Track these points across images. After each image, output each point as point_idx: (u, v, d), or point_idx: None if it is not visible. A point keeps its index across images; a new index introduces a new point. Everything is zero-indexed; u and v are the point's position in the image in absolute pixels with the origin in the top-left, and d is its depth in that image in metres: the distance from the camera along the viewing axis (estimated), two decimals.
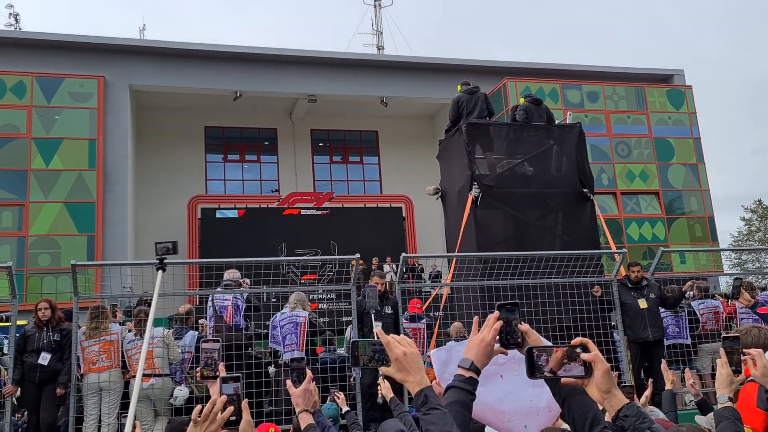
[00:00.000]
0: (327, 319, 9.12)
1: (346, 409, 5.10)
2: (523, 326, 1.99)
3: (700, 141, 22.96)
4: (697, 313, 9.13)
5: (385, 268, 18.26)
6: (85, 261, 15.78)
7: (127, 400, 7.04)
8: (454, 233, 9.18)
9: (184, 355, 7.55)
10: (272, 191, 24.23)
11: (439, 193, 10.37)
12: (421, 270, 19.74)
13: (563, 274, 7.96)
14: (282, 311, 7.73)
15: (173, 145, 22.91)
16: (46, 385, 6.96)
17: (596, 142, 20.66)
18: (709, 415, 3.30)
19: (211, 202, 22.62)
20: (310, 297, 9.66)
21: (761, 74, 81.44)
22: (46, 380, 6.96)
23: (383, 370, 1.89)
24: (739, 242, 41.16)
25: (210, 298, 7.85)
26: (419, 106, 24.34)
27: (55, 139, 18.04)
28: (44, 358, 6.92)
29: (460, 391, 1.91)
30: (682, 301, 9.20)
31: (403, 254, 8.00)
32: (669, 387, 4.26)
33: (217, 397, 2.11)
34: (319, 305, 13.78)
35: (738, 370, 2.88)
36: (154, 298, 3.81)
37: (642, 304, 8.26)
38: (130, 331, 7.36)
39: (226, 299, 7.71)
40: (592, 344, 1.86)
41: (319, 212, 22.36)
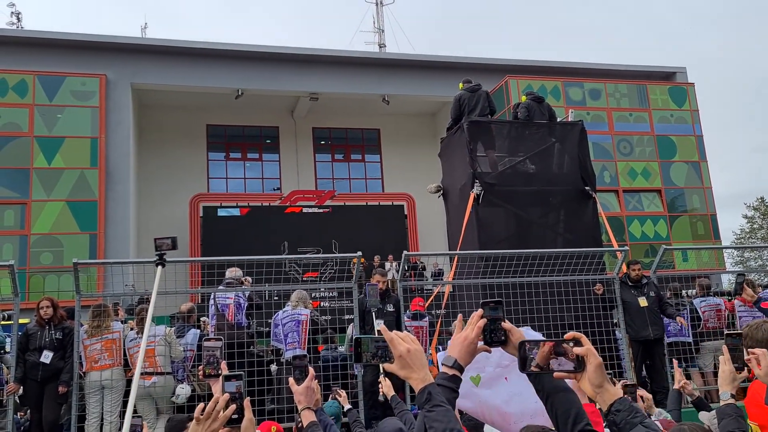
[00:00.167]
0: (329, 317, 9.10)
1: (348, 407, 5.09)
2: (507, 324, 2.00)
3: (703, 138, 22.89)
4: (699, 311, 9.11)
5: (387, 266, 18.24)
6: (87, 259, 15.81)
7: (128, 398, 7.04)
8: (456, 231, 9.17)
9: (186, 354, 7.56)
10: (274, 189, 24.21)
11: (441, 191, 10.35)
12: (423, 268, 19.72)
13: (565, 272, 7.94)
14: (284, 309, 7.73)
15: (175, 144, 22.91)
16: (49, 384, 6.98)
17: (598, 140, 20.64)
18: (712, 413, 3.29)
19: (213, 201, 22.62)
20: (312, 295, 9.67)
21: (762, 73, 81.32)
22: (48, 378, 6.97)
23: (386, 366, 1.89)
24: (742, 240, 41.10)
25: (212, 297, 7.85)
26: (421, 104, 24.31)
27: (57, 138, 18.07)
28: (46, 357, 6.93)
29: (443, 389, 1.92)
30: (684, 299, 9.19)
31: (405, 252, 8.00)
32: (677, 386, 4.26)
33: (219, 395, 2.11)
34: (321, 303, 13.78)
35: (740, 367, 2.87)
36: (153, 294, 3.81)
37: (642, 302, 8.24)
38: (132, 329, 7.36)
39: (228, 297, 7.71)
40: (584, 338, 1.86)
41: (321, 210, 22.35)
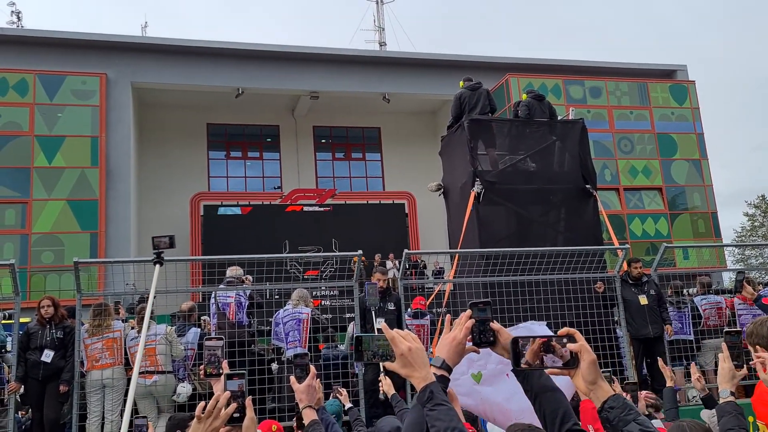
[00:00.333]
0: (329, 316, 9.10)
1: (348, 405, 5.09)
2: (495, 325, 2.00)
3: (703, 136, 22.86)
4: (700, 309, 9.10)
5: (388, 264, 18.24)
6: (88, 258, 15.81)
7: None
8: (457, 230, 9.17)
9: (187, 352, 7.56)
10: (275, 188, 24.20)
11: (442, 190, 10.34)
12: (424, 266, 19.71)
13: (566, 270, 7.94)
14: (285, 308, 7.73)
15: (175, 143, 22.91)
16: (50, 383, 6.98)
17: (599, 138, 20.62)
18: (713, 410, 3.29)
19: (213, 199, 22.62)
20: (313, 294, 9.66)
21: (763, 72, 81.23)
22: (49, 377, 6.98)
23: (388, 365, 1.88)
24: (742, 238, 41.08)
25: (213, 295, 7.85)
26: (421, 102, 24.29)
27: (58, 137, 18.06)
28: (47, 356, 6.93)
29: None
30: (685, 297, 9.18)
31: (406, 251, 8.00)
32: (669, 384, 4.27)
33: (221, 393, 2.10)
34: (322, 302, 13.78)
35: (740, 364, 2.86)
36: (152, 293, 3.80)
37: (642, 300, 8.24)
38: (133, 328, 7.36)
39: (229, 296, 7.71)
40: (578, 334, 1.85)
41: (322, 209, 22.34)
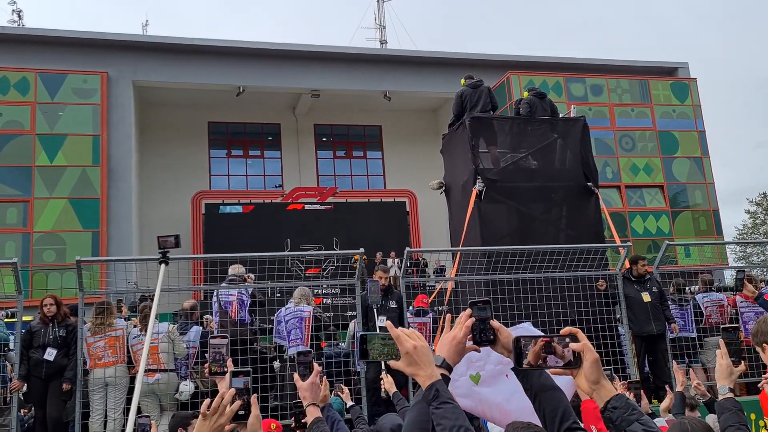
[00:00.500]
0: (331, 314, 9.10)
1: (350, 403, 5.09)
2: (495, 323, 2.00)
3: (705, 134, 22.83)
4: (701, 307, 9.10)
5: (389, 262, 18.25)
6: (89, 257, 15.81)
7: (132, 396, 7.05)
8: (459, 227, 9.17)
9: (189, 351, 7.57)
10: (276, 186, 24.21)
11: (443, 188, 10.34)
12: (425, 264, 19.74)
13: (567, 267, 7.93)
14: (287, 306, 7.73)
15: (177, 141, 22.92)
16: (53, 381, 6.99)
17: (600, 136, 20.60)
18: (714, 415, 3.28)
19: (214, 198, 22.64)
20: (315, 292, 9.66)
21: (765, 70, 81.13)
22: (52, 376, 6.99)
23: (393, 364, 1.88)
24: (744, 235, 41.07)
25: (215, 294, 7.86)
26: (422, 100, 24.28)
27: (59, 136, 18.07)
28: (50, 354, 6.94)
29: None
30: (687, 295, 9.18)
31: (407, 249, 7.99)
32: (679, 388, 4.22)
33: (225, 390, 2.10)
34: (323, 300, 13.79)
35: (738, 360, 2.86)
36: (157, 292, 3.81)
37: (645, 297, 8.23)
38: (135, 326, 7.37)
39: (231, 294, 7.72)
40: (581, 333, 1.85)
41: (323, 207, 22.35)
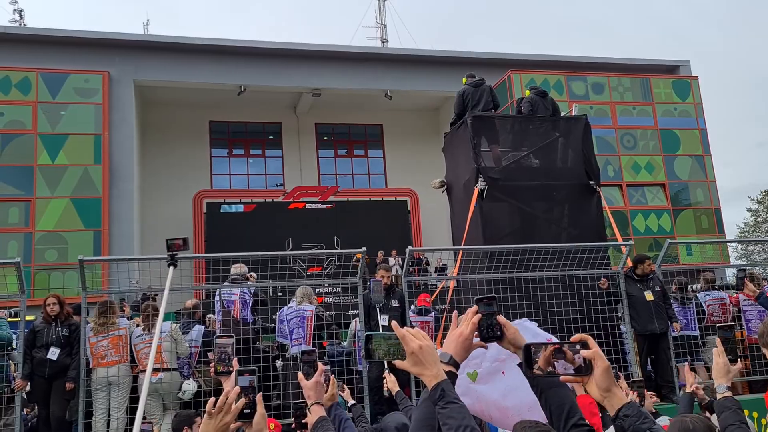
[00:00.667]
0: (333, 313, 9.10)
1: (352, 402, 5.10)
2: (502, 319, 2.00)
3: (706, 132, 22.80)
4: (704, 305, 9.10)
5: (391, 261, 18.25)
6: (91, 256, 15.82)
7: (135, 395, 7.08)
8: (460, 226, 9.17)
9: (191, 350, 7.58)
10: (277, 185, 24.23)
11: (445, 186, 10.34)
12: (427, 263, 19.74)
13: (570, 266, 7.94)
14: (289, 305, 7.74)
15: (178, 140, 22.93)
16: (56, 380, 7.01)
17: (602, 134, 20.57)
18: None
19: (216, 197, 22.65)
20: (316, 291, 9.67)
21: (766, 68, 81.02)
22: (55, 375, 7.01)
23: (399, 363, 1.88)
24: (746, 233, 41.05)
25: (217, 293, 7.86)
26: (423, 99, 24.27)
27: (61, 135, 18.08)
28: (53, 353, 6.96)
29: None
30: (690, 293, 9.18)
31: (409, 248, 7.99)
32: (689, 390, 4.19)
33: (231, 389, 2.11)
34: (325, 299, 13.79)
35: (734, 359, 2.87)
36: (165, 294, 3.81)
37: (648, 296, 8.22)
38: (138, 325, 7.38)
39: (234, 293, 7.72)
40: (592, 341, 1.83)
41: (325, 206, 22.35)
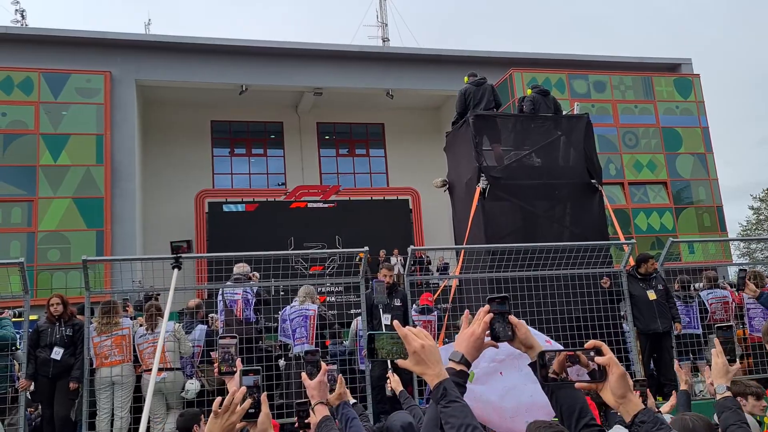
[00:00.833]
0: (335, 312, 9.11)
1: (352, 401, 5.11)
2: (514, 319, 2.00)
3: (708, 130, 22.77)
4: (706, 304, 9.10)
5: (392, 260, 18.25)
6: (94, 256, 15.85)
7: (138, 394, 7.10)
8: (462, 225, 9.18)
9: (194, 349, 7.59)
10: (279, 185, 24.24)
11: (447, 186, 10.35)
12: (429, 262, 19.74)
13: (572, 265, 7.94)
14: (291, 305, 7.75)
15: (180, 140, 22.95)
16: (60, 380, 7.03)
17: (603, 132, 20.55)
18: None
19: (218, 197, 22.66)
20: (319, 290, 9.68)
21: None
22: (59, 375, 7.03)
23: (401, 363, 1.89)
24: (748, 231, 41.01)
25: (220, 292, 7.87)
26: (425, 98, 24.26)
27: (63, 135, 18.10)
28: (57, 353, 6.98)
29: None
30: (692, 292, 9.17)
31: (411, 247, 8.00)
32: (684, 387, 4.20)
33: (237, 389, 2.12)
34: (327, 298, 13.81)
35: (733, 359, 2.87)
36: (170, 295, 3.82)
37: (651, 295, 8.22)
38: (141, 325, 7.40)
39: (237, 293, 7.74)
40: (606, 347, 1.84)
41: (326, 205, 22.36)
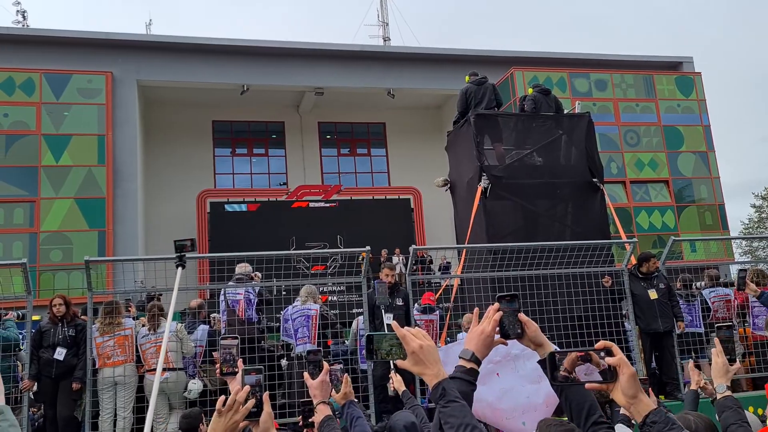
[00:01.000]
0: (337, 311, 9.11)
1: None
2: (523, 317, 2.01)
3: (710, 128, 22.75)
4: (708, 302, 9.09)
5: (394, 259, 18.25)
6: (96, 256, 15.88)
7: (141, 394, 7.11)
8: (464, 224, 9.18)
9: (196, 350, 7.60)
10: (280, 184, 24.25)
11: (448, 185, 10.35)
12: (430, 261, 19.73)
13: (573, 264, 7.94)
14: (293, 304, 7.76)
15: (181, 140, 22.98)
16: (63, 380, 7.04)
17: (605, 131, 20.55)
18: None
19: (219, 197, 22.69)
20: (320, 289, 9.67)
21: None
22: (62, 375, 7.04)
23: (400, 363, 1.89)
24: (750, 230, 40.97)
25: (222, 292, 7.88)
26: (426, 97, 24.27)
27: (65, 136, 18.15)
28: (60, 353, 6.99)
29: (461, 381, 1.94)
30: (695, 290, 9.17)
31: (413, 246, 8.00)
32: (693, 387, 4.20)
33: (240, 388, 2.13)
34: (329, 297, 13.81)
35: (733, 358, 2.87)
36: (174, 295, 3.83)
37: (652, 294, 8.21)
38: (143, 326, 7.41)
39: (239, 293, 7.75)
40: (616, 348, 1.84)
41: (328, 205, 22.37)
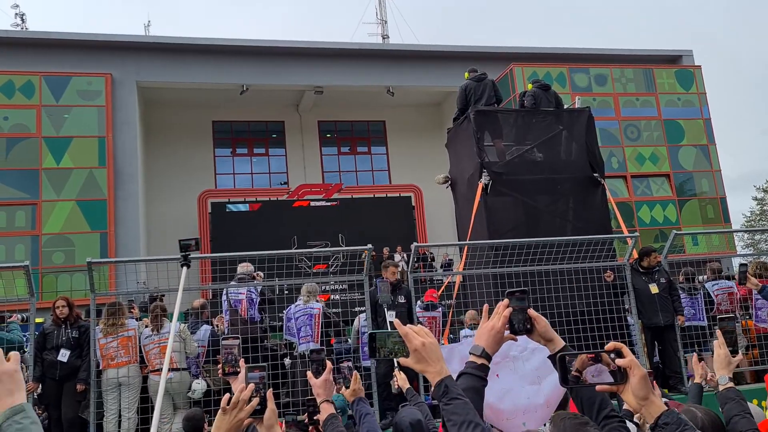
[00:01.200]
0: (339, 310, 9.13)
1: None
2: (533, 313, 2.01)
3: (710, 121, 22.71)
4: (712, 295, 9.09)
5: (396, 257, 18.25)
6: (98, 258, 15.89)
7: (145, 395, 7.13)
8: (465, 221, 9.18)
9: (199, 350, 7.62)
10: (281, 184, 24.25)
11: (449, 182, 10.35)
12: (432, 259, 19.73)
13: (575, 259, 7.93)
14: (296, 303, 7.77)
15: (182, 141, 22.98)
16: (67, 382, 7.06)
17: (605, 126, 20.53)
18: None
19: (220, 197, 22.69)
20: (323, 288, 9.69)
21: None
22: (66, 377, 7.06)
23: (402, 361, 1.89)
24: (752, 222, 40.93)
25: (224, 292, 7.90)
26: (426, 94, 24.24)
27: (65, 138, 18.16)
28: (63, 355, 7.01)
29: (472, 377, 1.94)
30: (697, 284, 9.16)
31: (415, 244, 7.99)
32: (698, 380, 4.21)
33: (244, 386, 2.14)
34: (331, 296, 13.81)
35: (735, 350, 2.87)
36: (179, 295, 3.84)
37: (653, 289, 8.21)
38: (147, 326, 7.42)
39: (241, 293, 7.76)
40: (626, 349, 1.84)
41: (329, 203, 22.37)
